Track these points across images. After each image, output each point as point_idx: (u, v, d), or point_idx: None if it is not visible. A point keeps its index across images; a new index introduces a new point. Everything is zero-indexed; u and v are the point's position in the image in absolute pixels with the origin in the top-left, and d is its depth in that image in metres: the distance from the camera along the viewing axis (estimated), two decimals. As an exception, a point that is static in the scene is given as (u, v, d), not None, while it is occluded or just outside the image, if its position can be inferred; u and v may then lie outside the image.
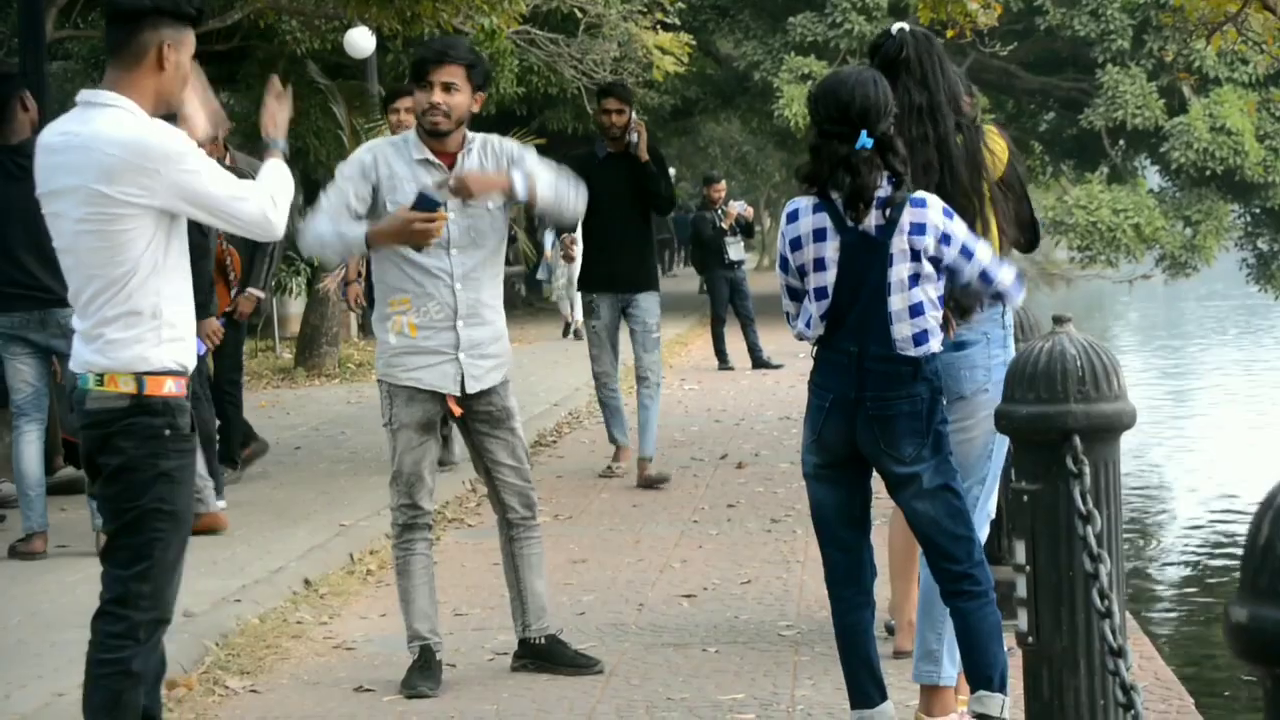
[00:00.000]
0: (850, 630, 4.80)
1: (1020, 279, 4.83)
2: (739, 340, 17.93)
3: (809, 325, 4.74)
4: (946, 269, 4.70)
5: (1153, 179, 32.09)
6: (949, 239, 4.68)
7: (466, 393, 5.87)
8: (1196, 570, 12.23)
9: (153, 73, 4.35)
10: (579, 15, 18.60)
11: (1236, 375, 25.44)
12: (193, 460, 4.47)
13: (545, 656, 6.05)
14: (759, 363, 17.88)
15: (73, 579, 7.17)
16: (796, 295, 4.81)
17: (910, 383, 4.65)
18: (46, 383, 8.10)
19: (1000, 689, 4.74)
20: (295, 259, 18.95)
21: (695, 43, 21.31)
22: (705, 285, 18.29)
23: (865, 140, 4.59)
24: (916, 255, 4.65)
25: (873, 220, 4.64)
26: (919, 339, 4.66)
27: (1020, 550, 4.20)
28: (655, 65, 19.17)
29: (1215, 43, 14.17)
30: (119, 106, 4.34)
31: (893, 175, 4.64)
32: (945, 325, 4.79)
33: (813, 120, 4.71)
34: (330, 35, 16.41)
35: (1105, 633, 3.94)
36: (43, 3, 10.54)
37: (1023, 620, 4.20)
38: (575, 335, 20.55)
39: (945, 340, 4.81)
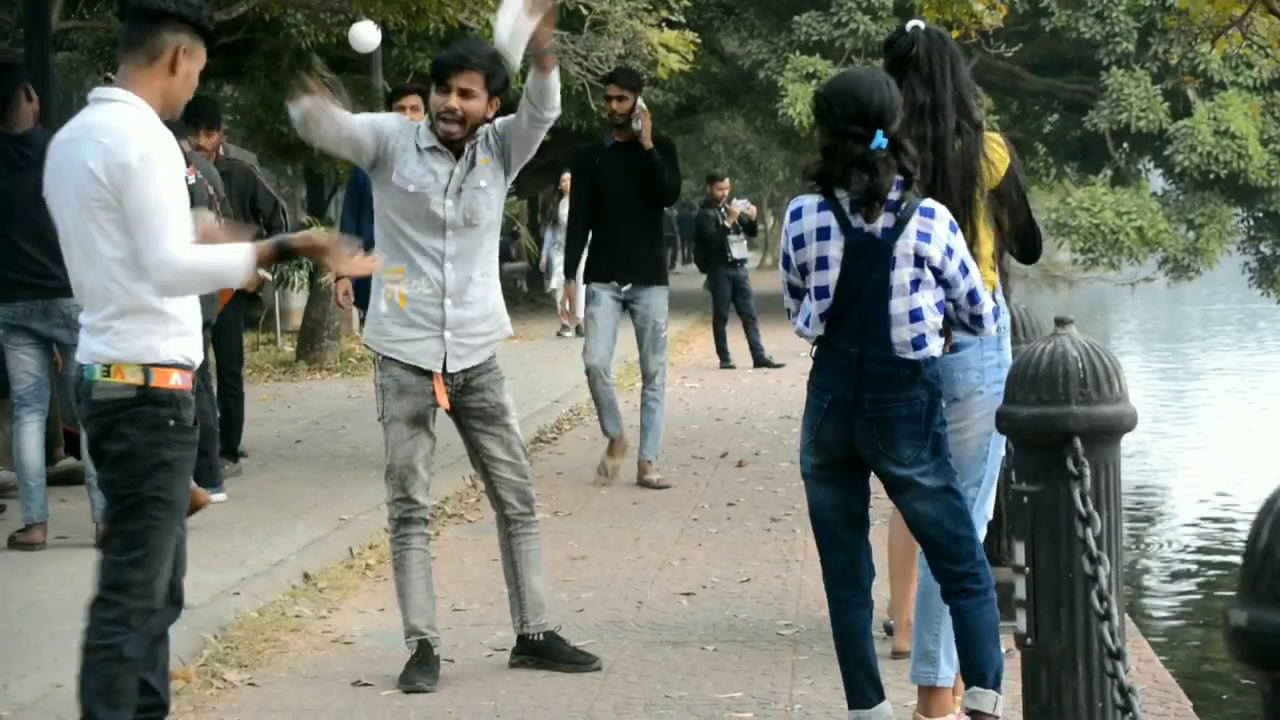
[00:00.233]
0: (848, 630, 4.80)
1: (996, 313, 4.83)
2: (740, 339, 17.93)
3: (808, 324, 4.74)
4: (943, 281, 4.70)
5: (1156, 182, 32.07)
6: (951, 252, 4.68)
7: (448, 371, 5.87)
8: (1195, 573, 12.22)
9: (164, 75, 4.43)
10: (584, 12, 18.56)
11: (1237, 378, 25.43)
12: (193, 453, 4.51)
13: (543, 653, 6.05)
14: (760, 361, 17.87)
15: (72, 570, 7.17)
16: (797, 293, 4.81)
17: (909, 385, 4.65)
18: (48, 373, 8.09)
19: (995, 687, 4.76)
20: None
21: (700, 41, 21.29)
22: (708, 283, 18.25)
23: (881, 140, 4.59)
24: (920, 261, 4.64)
25: (880, 222, 4.64)
26: (918, 343, 4.66)
27: (1020, 552, 4.20)
28: (660, 63, 19.15)
29: (1220, 46, 14.17)
30: (124, 101, 4.40)
31: (903, 176, 4.65)
32: (945, 334, 4.78)
33: (823, 120, 4.69)
34: (335, 29, 16.39)
35: (1104, 635, 3.95)
36: (48, -6, 10.53)
37: (1022, 622, 4.20)
38: (577, 332, 20.53)
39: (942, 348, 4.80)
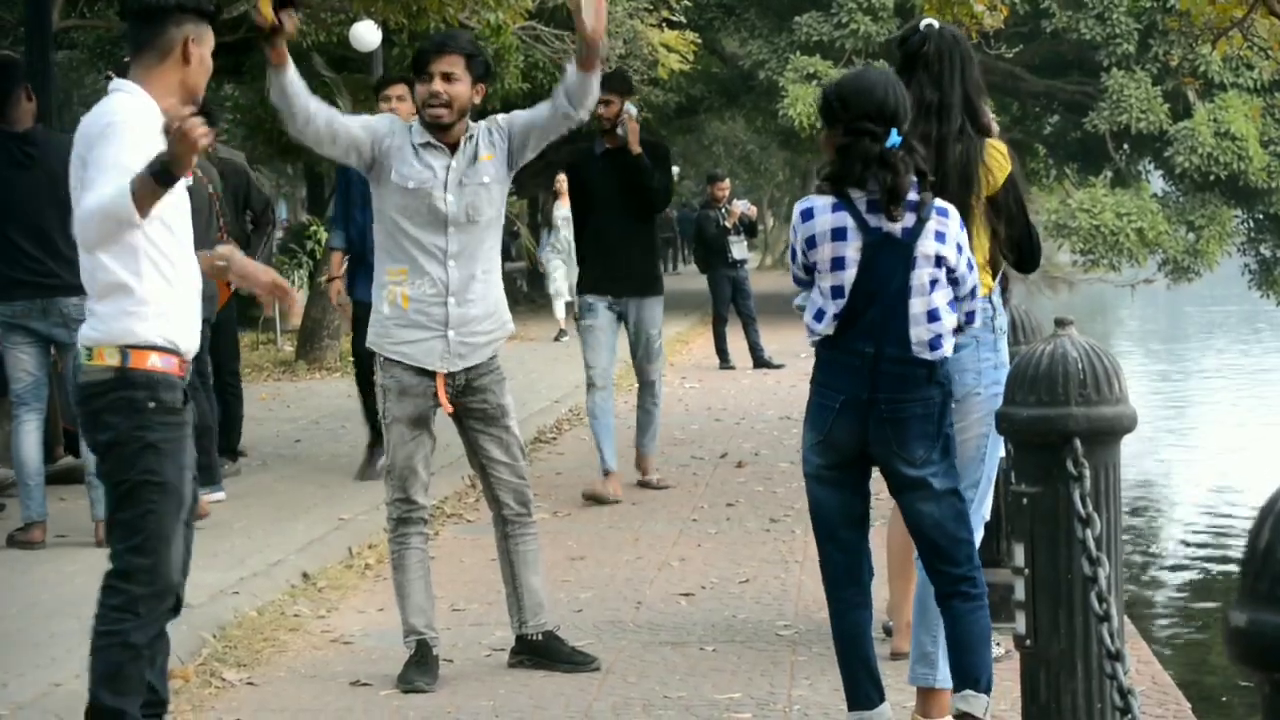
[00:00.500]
0: (849, 631, 4.79)
1: (972, 317, 4.83)
2: (740, 339, 17.93)
3: (819, 320, 4.72)
4: (953, 279, 4.71)
5: (1156, 183, 32.08)
6: (961, 249, 4.70)
7: (451, 370, 5.86)
8: (1195, 575, 12.23)
9: (178, 67, 4.45)
10: (585, 12, 18.57)
11: (1237, 380, 25.43)
12: (183, 434, 4.45)
13: (542, 653, 6.04)
14: (760, 362, 17.87)
15: (71, 569, 7.17)
16: (804, 284, 4.80)
17: (924, 385, 4.65)
18: (46, 372, 8.09)
19: (986, 691, 4.75)
20: (297, 252, 18.92)
21: (701, 41, 21.32)
22: (709, 283, 18.25)
23: (895, 139, 4.60)
24: (938, 261, 4.65)
25: (899, 221, 4.64)
26: (934, 343, 4.66)
27: (1019, 553, 4.20)
28: (660, 63, 19.17)
29: (1221, 48, 14.16)
30: (125, 91, 4.43)
31: (918, 176, 4.65)
32: (959, 329, 4.78)
33: (834, 120, 4.67)
34: (336, 28, 16.39)
35: (1103, 636, 3.94)
36: (49, -8, 10.53)
37: (1021, 623, 4.20)
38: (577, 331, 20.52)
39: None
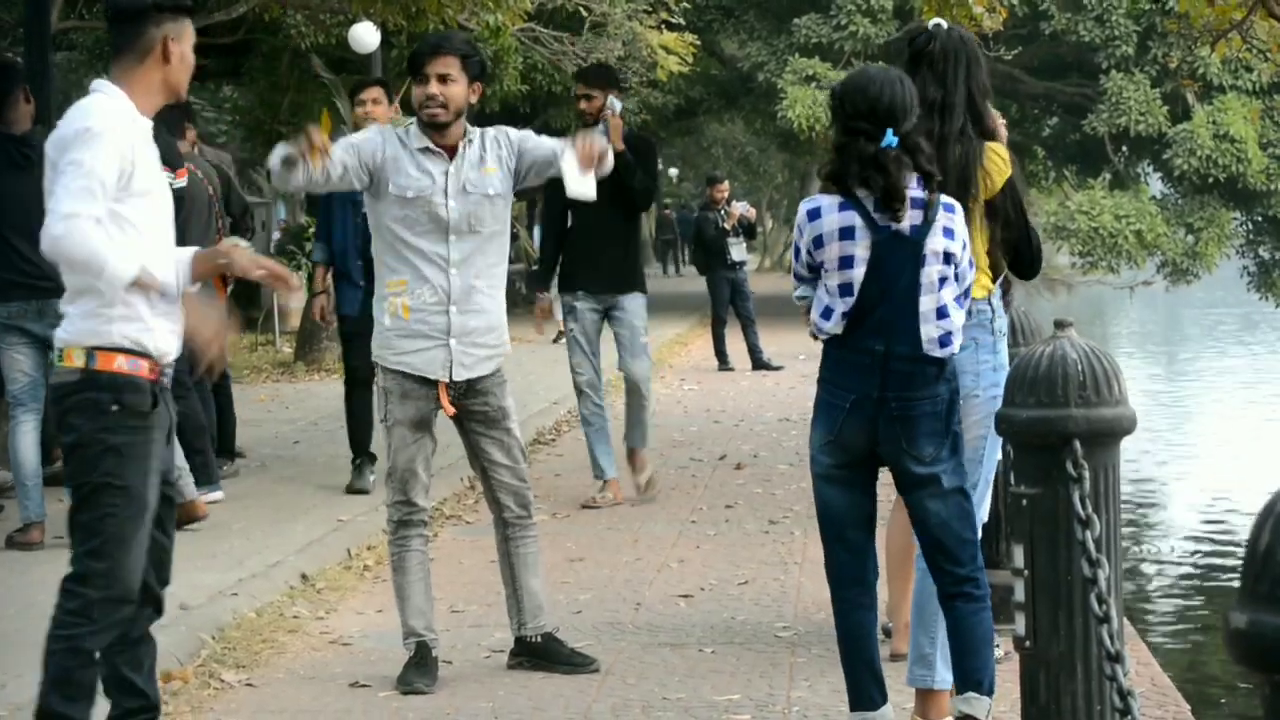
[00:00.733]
0: (853, 631, 4.78)
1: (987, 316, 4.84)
2: (739, 341, 17.93)
3: (827, 318, 4.71)
4: (958, 275, 4.71)
5: (1155, 185, 32.10)
6: (965, 246, 4.70)
7: (454, 379, 5.86)
8: (1194, 576, 12.22)
9: (159, 66, 4.42)
10: (584, 13, 18.59)
11: (1236, 382, 25.43)
12: (148, 438, 4.37)
13: (541, 654, 6.04)
14: (759, 364, 17.88)
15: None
16: (805, 280, 4.79)
17: (934, 383, 4.65)
18: (43, 373, 8.07)
19: (988, 693, 4.75)
20: (296, 254, 18.91)
21: (700, 43, 21.30)
22: (708, 285, 18.27)
23: (891, 139, 4.58)
24: (947, 258, 4.65)
25: (907, 220, 4.63)
26: (944, 340, 4.66)
27: (1019, 554, 4.20)
28: (659, 65, 19.17)
29: (1220, 50, 14.16)
30: (103, 92, 4.39)
31: (921, 175, 4.64)
32: None
33: (836, 118, 4.70)
34: (335, 30, 16.40)
35: (1103, 638, 3.94)
36: (48, -6, 10.53)
37: (1020, 624, 4.20)
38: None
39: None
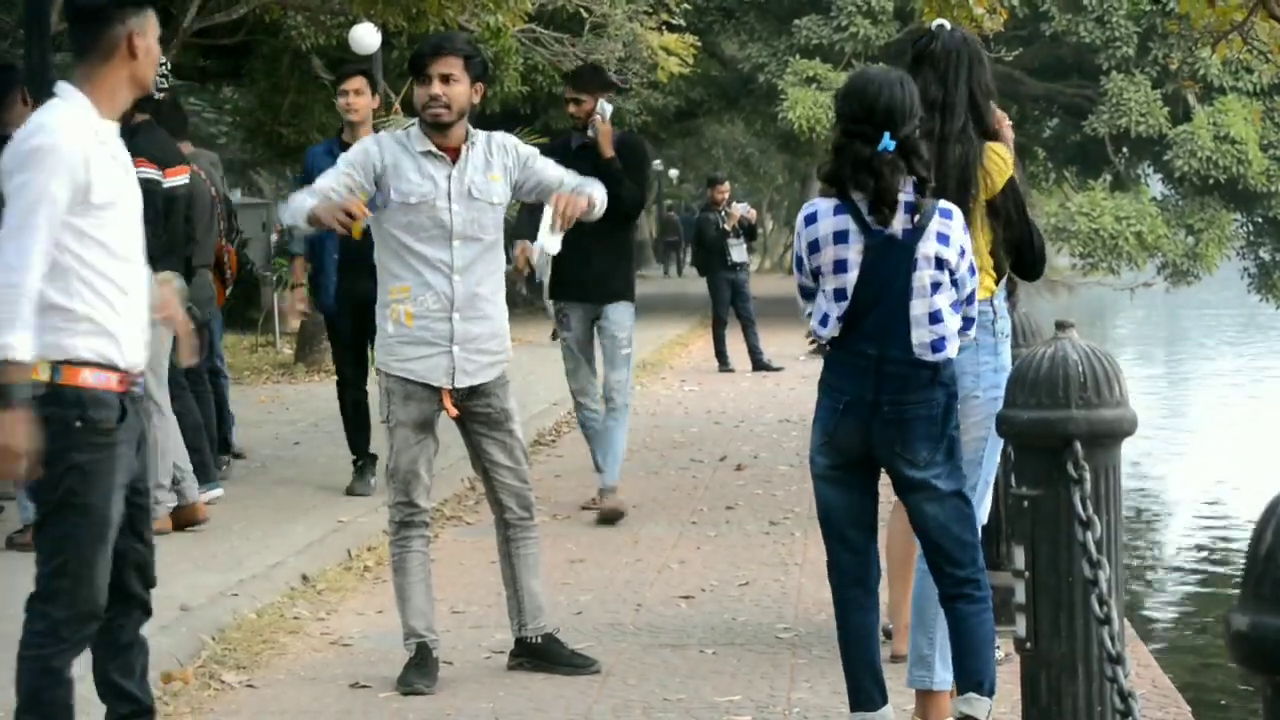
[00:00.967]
0: (854, 632, 4.78)
1: (969, 325, 4.80)
2: (740, 342, 17.94)
3: (825, 324, 4.72)
4: (954, 282, 4.70)
5: (1156, 187, 32.11)
6: (964, 253, 4.69)
7: (457, 387, 5.86)
8: (1195, 578, 12.23)
9: (126, 63, 4.28)
10: (584, 15, 18.60)
11: (1237, 383, 25.43)
12: (112, 455, 4.23)
13: (542, 655, 6.04)
14: (759, 365, 17.89)
15: (70, 571, 7.16)
16: (809, 294, 4.79)
17: (928, 387, 4.64)
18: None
19: (989, 693, 4.75)
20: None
21: (700, 44, 21.33)
22: (709, 286, 18.29)
23: (888, 143, 4.56)
24: (940, 264, 4.64)
25: (899, 224, 4.62)
26: (936, 345, 4.64)
27: (1020, 556, 4.19)
28: (660, 66, 19.19)
29: (1220, 51, 14.15)
30: (62, 98, 4.26)
31: (916, 179, 4.63)
32: (960, 333, 4.77)
33: (837, 119, 4.70)
34: (335, 31, 16.39)
35: (1104, 639, 3.94)
36: (48, -6, 10.53)
37: (1021, 626, 4.20)
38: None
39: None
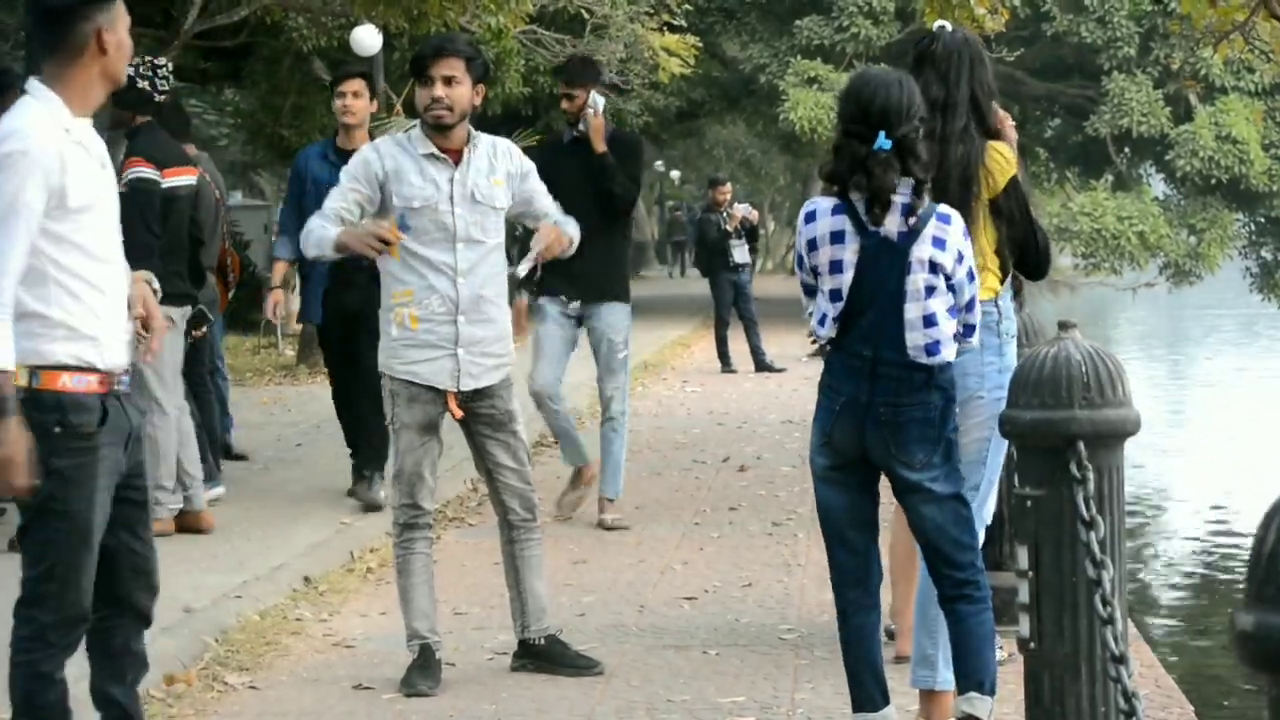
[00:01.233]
0: (856, 632, 4.78)
1: (970, 332, 4.79)
2: (742, 343, 17.94)
3: (823, 324, 4.71)
4: (951, 287, 4.68)
5: (1158, 187, 32.13)
6: (962, 258, 4.66)
7: (461, 389, 5.86)
8: (1198, 578, 12.23)
9: (96, 60, 4.18)
10: (586, 16, 18.61)
11: (1239, 383, 25.43)
12: (93, 459, 4.18)
13: (545, 657, 6.04)
14: (761, 366, 17.89)
15: (73, 573, 7.16)
16: (811, 292, 4.80)
17: (923, 390, 4.63)
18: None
19: (990, 693, 4.75)
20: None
21: (701, 45, 21.35)
22: (711, 287, 18.29)
23: (883, 142, 4.55)
24: (935, 268, 4.62)
25: (895, 226, 4.61)
26: (931, 349, 4.63)
27: (1023, 556, 4.19)
28: (661, 67, 19.21)
29: (1222, 51, 14.16)
30: (34, 96, 4.18)
31: (915, 181, 4.61)
32: (958, 338, 4.75)
33: (838, 119, 4.71)
34: (337, 33, 16.40)
35: (1107, 639, 3.94)
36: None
37: (1025, 626, 4.20)
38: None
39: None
